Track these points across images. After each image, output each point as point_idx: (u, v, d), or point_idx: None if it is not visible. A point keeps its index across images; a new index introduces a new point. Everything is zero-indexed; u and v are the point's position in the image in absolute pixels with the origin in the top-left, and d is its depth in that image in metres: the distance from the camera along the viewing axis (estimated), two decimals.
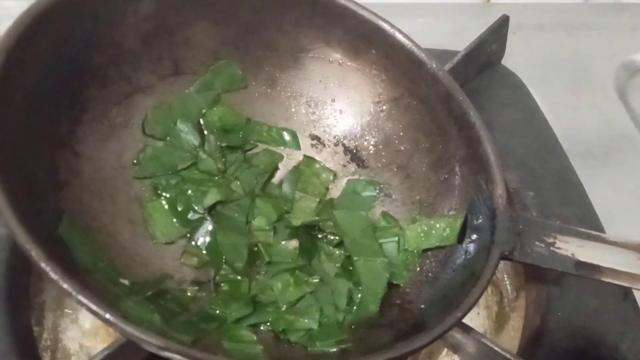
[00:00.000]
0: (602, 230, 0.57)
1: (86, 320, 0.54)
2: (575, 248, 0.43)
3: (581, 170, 0.63)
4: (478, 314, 0.57)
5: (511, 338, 0.55)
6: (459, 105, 0.50)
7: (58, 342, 0.53)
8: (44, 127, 0.44)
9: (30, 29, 0.41)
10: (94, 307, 0.33)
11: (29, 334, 0.50)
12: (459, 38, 0.68)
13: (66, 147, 0.46)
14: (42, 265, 0.33)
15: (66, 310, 0.55)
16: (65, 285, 0.33)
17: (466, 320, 0.55)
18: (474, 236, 0.47)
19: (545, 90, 0.73)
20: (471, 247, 0.47)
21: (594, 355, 0.50)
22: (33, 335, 0.50)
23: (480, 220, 0.47)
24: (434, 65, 0.51)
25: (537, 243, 0.44)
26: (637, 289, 0.46)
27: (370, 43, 0.53)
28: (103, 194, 0.48)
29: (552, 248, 0.44)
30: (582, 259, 0.43)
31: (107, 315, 0.33)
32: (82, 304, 0.33)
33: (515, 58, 0.74)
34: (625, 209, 0.64)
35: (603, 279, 0.43)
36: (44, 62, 0.43)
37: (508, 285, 0.59)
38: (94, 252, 0.44)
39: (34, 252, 0.33)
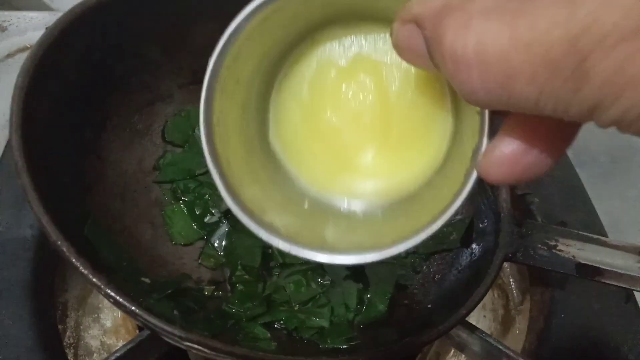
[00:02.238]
0: (605, 236, 0.59)
1: (107, 319, 0.57)
2: (576, 251, 0.45)
3: (587, 179, 0.64)
4: (485, 316, 0.59)
5: (517, 340, 0.56)
6: None
7: (80, 340, 0.55)
8: (70, 133, 0.46)
9: (58, 40, 0.43)
10: (121, 300, 0.35)
11: (54, 331, 0.52)
12: None
13: (91, 152, 0.49)
14: (73, 260, 0.35)
15: (88, 309, 0.57)
16: (94, 280, 0.35)
17: (473, 323, 0.58)
18: (480, 239, 0.49)
19: None
20: (477, 250, 0.49)
21: (596, 356, 0.51)
22: (58, 332, 0.53)
23: (486, 224, 0.49)
24: None
25: (539, 246, 0.46)
26: (637, 291, 0.48)
27: None
28: (125, 197, 0.50)
29: (554, 251, 0.46)
30: (583, 261, 0.45)
31: (134, 308, 0.35)
32: (110, 297, 0.35)
33: None
34: (630, 217, 0.65)
35: (603, 280, 0.45)
36: (70, 72, 0.46)
37: (514, 289, 0.60)
38: (117, 252, 0.46)
39: (65, 248, 0.35)
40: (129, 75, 0.51)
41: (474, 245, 0.49)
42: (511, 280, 0.61)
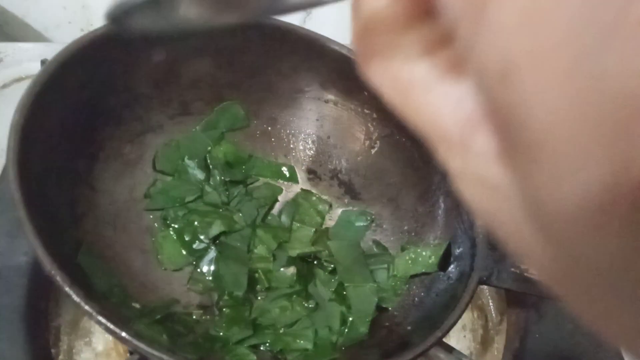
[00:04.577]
0: None
1: (99, 342, 0.58)
2: None
3: None
4: (465, 336, 0.61)
5: (495, 359, 0.58)
6: None
7: None
8: (64, 165, 0.48)
9: (53, 78, 0.46)
10: (112, 326, 0.37)
11: (48, 354, 0.54)
12: None
13: (84, 182, 0.51)
14: (66, 289, 0.37)
15: (80, 333, 0.59)
16: (86, 307, 0.37)
17: (453, 342, 0.60)
18: (456, 263, 0.51)
19: None
20: (453, 273, 0.51)
21: None
22: (51, 355, 0.54)
23: (462, 249, 0.51)
24: None
25: (512, 269, 0.48)
26: None
27: (362, 85, 0.58)
28: (117, 224, 0.53)
29: (525, 274, 0.48)
30: None
31: (124, 334, 0.37)
32: (101, 324, 0.37)
33: None
34: None
35: None
36: (64, 107, 0.48)
37: (493, 310, 0.62)
38: (108, 278, 0.48)
39: (59, 277, 0.38)
40: (120, 108, 0.54)
41: (450, 269, 0.52)
42: (490, 301, 0.63)
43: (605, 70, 0.11)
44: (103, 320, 0.37)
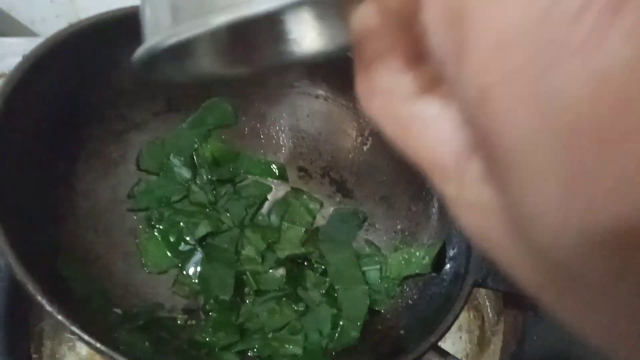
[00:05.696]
0: None
1: (83, 347, 0.57)
2: None
3: None
4: (461, 337, 0.60)
5: None
6: None
7: None
8: (43, 165, 0.46)
9: (28, 74, 0.44)
10: (86, 337, 0.35)
11: None
12: None
13: (64, 183, 0.49)
14: (38, 298, 0.36)
15: (64, 337, 0.57)
16: (59, 317, 0.35)
17: (449, 343, 0.58)
18: (450, 264, 0.50)
19: None
20: (448, 275, 0.49)
21: None
22: None
23: (457, 250, 0.50)
24: None
25: None
26: None
27: (353, 80, 0.56)
28: (98, 227, 0.51)
29: None
30: None
31: (99, 345, 0.35)
32: (75, 334, 0.35)
33: None
34: None
35: None
36: (43, 104, 0.46)
37: (489, 310, 0.61)
38: (89, 284, 0.46)
39: (31, 286, 0.36)
40: (102, 105, 0.51)
41: (445, 271, 0.50)
42: (486, 301, 0.61)
43: (556, 88, 0.12)
44: (78, 331, 0.35)
